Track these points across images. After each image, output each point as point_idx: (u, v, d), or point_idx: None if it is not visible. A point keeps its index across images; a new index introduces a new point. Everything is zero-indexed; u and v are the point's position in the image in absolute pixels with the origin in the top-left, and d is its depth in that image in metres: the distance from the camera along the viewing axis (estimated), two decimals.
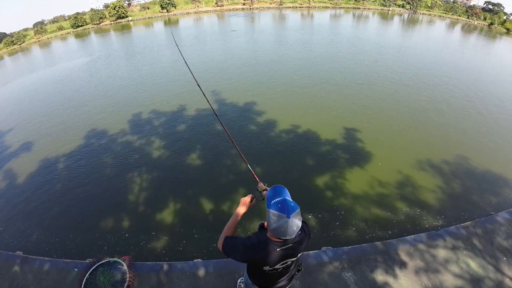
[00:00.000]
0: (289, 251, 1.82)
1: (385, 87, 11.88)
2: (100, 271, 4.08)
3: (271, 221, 1.62)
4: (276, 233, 1.63)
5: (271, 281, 2.14)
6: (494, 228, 4.58)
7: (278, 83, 12.75)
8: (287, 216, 1.57)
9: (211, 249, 4.89)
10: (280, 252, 1.79)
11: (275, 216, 1.60)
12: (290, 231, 1.59)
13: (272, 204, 1.64)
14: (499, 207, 5.46)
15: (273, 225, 1.62)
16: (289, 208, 1.59)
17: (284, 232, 1.59)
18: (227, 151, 7.78)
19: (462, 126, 8.84)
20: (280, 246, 1.77)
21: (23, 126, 10.79)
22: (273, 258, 1.81)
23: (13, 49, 36.66)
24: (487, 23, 36.85)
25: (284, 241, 1.75)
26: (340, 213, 5.49)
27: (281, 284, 2.18)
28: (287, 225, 1.58)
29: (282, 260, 1.86)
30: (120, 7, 45.36)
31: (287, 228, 1.58)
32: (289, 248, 1.79)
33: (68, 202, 6.51)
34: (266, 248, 1.78)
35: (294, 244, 1.80)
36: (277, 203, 1.63)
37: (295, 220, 1.60)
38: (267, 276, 2.04)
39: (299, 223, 1.62)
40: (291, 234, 1.61)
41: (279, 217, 1.59)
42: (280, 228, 1.59)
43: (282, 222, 1.58)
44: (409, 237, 4.29)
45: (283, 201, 1.63)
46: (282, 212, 1.58)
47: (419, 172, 6.63)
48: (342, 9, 46.53)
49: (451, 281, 3.72)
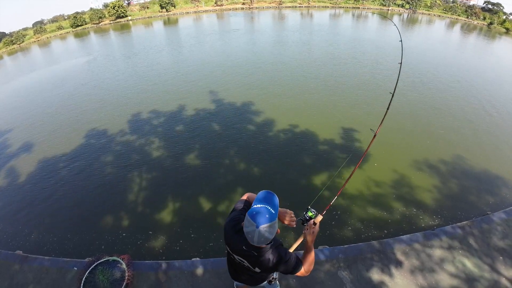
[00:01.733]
0: (250, 258, 1.90)
1: (382, 87, 11.91)
2: (99, 269, 4.12)
3: (245, 225, 1.70)
4: (246, 236, 1.71)
5: (233, 267, 2.27)
6: (490, 228, 4.62)
7: (276, 84, 12.79)
8: (256, 226, 1.62)
9: (207, 248, 4.94)
10: (242, 249, 1.87)
11: (248, 221, 1.66)
12: (256, 239, 1.66)
13: (251, 208, 1.70)
14: (496, 207, 5.49)
15: (245, 229, 1.70)
16: (262, 219, 1.63)
17: (251, 238, 1.67)
18: (225, 151, 7.81)
19: (460, 126, 8.88)
20: (245, 245, 1.84)
21: (22, 126, 10.81)
22: (235, 246, 1.93)
23: (13, 48, 36.63)
24: (486, 23, 36.87)
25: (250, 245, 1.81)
26: (336, 212, 5.52)
27: (244, 278, 2.29)
28: (254, 233, 1.64)
29: (241, 255, 1.95)
30: (119, 7, 45.30)
31: (254, 235, 1.65)
32: (251, 254, 1.87)
33: (66, 202, 6.54)
34: (237, 235, 1.88)
35: (257, 255, 1.86)
36: (253, 210, 1.67)
37: (265, 232, 1.64)
38: (229, 259, 2.19)
39: (268, 236, 1.66)
40: (258, 242, 1.68)
41: (250, 224, 1.65)
42: (248, 234, 1.68)
43: (250, 230, 1.65)
44: (405, 237, 4.33)
45: (259, 209, 1.66)
46: (254, 220, 1.63)
47: (416, 172, 6.66)
48: (342, 8, 46.51)
49: (447, 280, 3.75)
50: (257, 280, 2.36)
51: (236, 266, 2.21)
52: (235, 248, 1.95)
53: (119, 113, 10.90)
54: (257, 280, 2.35)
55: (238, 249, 1.92)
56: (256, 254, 1.86)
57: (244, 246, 1.86)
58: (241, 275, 2.32)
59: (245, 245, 1.85)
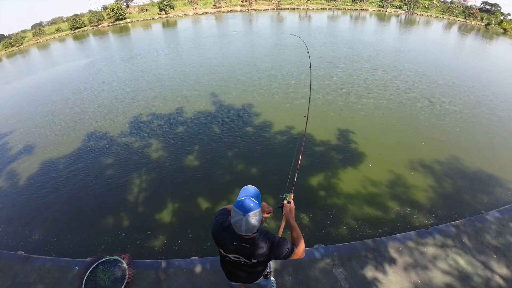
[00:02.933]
0: (243, 251, 2.00)
1: (377, 90, 12.04)
2: (101, 268, 4.21)
3: (232, 216, 1.82)
4: (234, 227, 1.83)
5: (228, 269, 2.37)
6: (484, 226, 4.71)
7: (273, 86, 12.93)
8: (242, 214, 1.75)
9: (205, 248, 5.02)
10: (234, 245, 1.99)
11: (234, 212, 1.79)
12: (243, 227, 1.78)
13: (237, 201, 1.84)
14: (490, 206, 5.57)
15: (232, 220, 1.82)
16: (247, 207, 1.77)
17: (239, 227, 1.79)
18: (223, 152, 7.91)
19: (454, 126, 9.00)
20: (235, 240, 1.96)
21: (22, 128, 10.87)
22: (228, 246, 2.03)
23: (11, 51, 36.59)
24: (484, 24, 37.11)
25: (240, 237, 1.93)
26: (332, 212, 5.63)
27: (241, 275, 2.37)
28: (242, 222, 1.76)
29: (235, 253, 2.06)
30: (118, 9, 45.36)
31: (241, 224, 1.77)
32: (243, 247, 1.98)
33: (66, 204, 6.61)
34: (226, 232, 1.99)
35: (249, 247, 1.97)
36: (239, 202, 1.81)
37: (251, 219, 1.77)
38: (224, 261, 2.28)
39: (254, 223, 1.79)
40: (245, 231, 1.80)
41: (237, 214, 1.77)
42: (236, 224, 1.80)
43: (238, 219, 1.77)
44: (399, 235, 4.43)
45: (244, 201, 1.80)
46: (240, 209, 1.77)
47: (410, 172, 6.77)
48: (340, 10, 46.74)
49: (440, 277, 3.85)
50: (253, 276, 2.44)
51: (232, 266, 2.28)
52: (228, 246, 2.04)
53: (118, 115, 10.98)
54: (254, 276, 2.43)
55: (230, 247, 2.02)
56: (248, 246, 1.97)
57: (234, 241, 1.98)
58: (238, 275, 2.39)
59: (236, 240, 1.97)
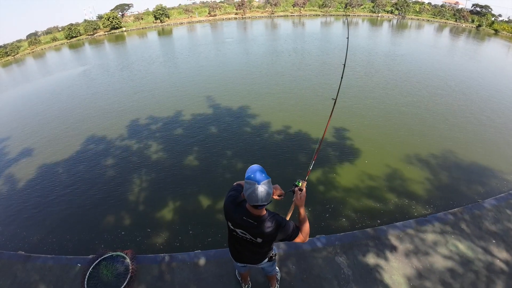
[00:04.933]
0: (251, 228, 2.07)
1: (373, 89, 12.25)
2: (103, 264, 4.19)
3: (245, 189, 1.88)
4: (250, 199, 1.88)
5: (235, 246, 2.42)
6: (481, 213, 4.79)
7: (270, 88, 13.12)
8: (257, 183, 1.82)
9: (206, 243, 5.04)
10: (243, 220, 2.05)
11: (248, 184, 1.86)
12: (260, 196, 1.83)
13: (247, 176, 1.90)
14: (486, 196, 5.66)
15: (247, 192, 1.87)
16: (259, 177, 1.85)
17: (256, 197, 1.84)
18: (223, 152, 7.98)
19: (448, 122, 9.22)
20: (245, 215, 2.03)
21: (20, 133, 10.85)
22: (236, 220, 2.10)
23: (7, 60, 36.57)
24: (475, 25, 37.96)
25: (250, 214, 2.01)
26: (331, 205, 5.69)
27: (246, 253, 2.43)
28: (258, 191, 1.82)
29: (242, 229, 2.12)
30: (114, 18, 45.75)
31: (257, 193, 1.82)
32: (251, 224, 2.04)
33: (65, 204, 6.58)
34: (237, 207, 2.08)
35: (257, 224, 2.04)
36: (250, 175, 1.88)
37: (265, 187, 1.84)
38: (232, 237, 2.34)
39: (269, 191, 1.86)
40: (262, 200, 1.85)
41: (251, 185, 1.84)
42: (252, 194, 1.84)
43: (253, 189, 1.83)
44: (398, 223, 4.49)
45: (255, 173, 1.88)
46: (253, 180, 1.84)
47: (407, 166, 6.90)
48: (332, 16, 47.62)
49: (441, 262, 3.90)
50: (258, 257, 2.48)
51: (238, 243, 2.34)
52: (236, 221, 2.10)
53: (117, 120, 11.00)
54: (258, 256, 2.47)
55: (239, 221, 2.08)
56: (256, 223, 2.02)
57: (244, 216, 2.04)
58: (243, 253, 2.44)
59: (245, 215, 2.03)
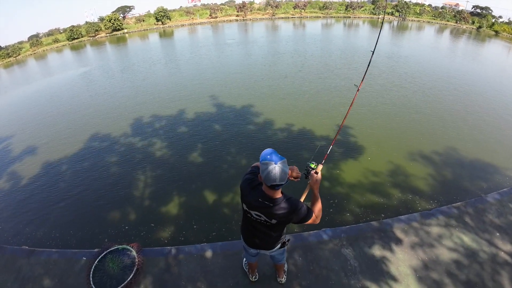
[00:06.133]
0: (266, 209, 2.09)
1: (377, 89, 12.30)
2: (109, 258, 4.18)
3: (262, 170, 1.90)
4: (267, 180, 1.89)
5: (249, 229, 2.44)
6: (485, 207, 4.81)
7: (271, 87, 13.17)
8: (274, 162, 1.85)
9: (210, 238, 5.05)
10: (258, 201, 2.08)
11: (264, 165, 1.88)
12: (278, 175, 1.85)
13: (262, 158, 1.93)
14: (489, 191, 5.66)
15: (264, 173, 1.89)
16: (276, 158, 1.89)
17: (274, 176, 1.85)
18: (227, 148, 8.02)
19: (451, 120, 9.24)
20: (261, 197, 2.06)
21: (24, 132, 10.87)
22: (252, 202, 2.12)
23: (9, 61, 36.68)
24: (475, 27, 38.13)
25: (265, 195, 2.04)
26: (336, 200, 5.71)
27: (259, 238, 2.45)
28: (275, 170, 1.84)
29: (257, 211, 2.15)
30: (115, 20, 45.97)
31: (275, 172, 1.84)
32: (266, 205, 2.07)
33: (69, 200, 6.58)
34: (253, 190, 2.11)
35: (272, 205, 2.06)
36: (266, 156, 1.92)
37: (282, 167, 1.87)
38: (246, 220, 2.37)
39: (286, 170, 1.89)
40: (280, 179, 1.87)
41: (268, 165, 1.86)
42: (270, 174, 1.85)
43: (271, 168, 1.85)
44: (403, 217, 4.51)
45: (270, 154, 1.92)
46: (270, 160, 1.87)
47: (410, 163, 6.92)
48: (333, 18, 47.85)
49: (447, 254, 3.91)
50: (272, 241, 2.48)
51: (252, 225, 2.35)
52: (252, 203, 2.13)
53: (121, 119, 11.03)
54: (272, 240, 2.47)
55: (255, 203, 2.11)
56: (271, 205, 2.05)
57: (260, 198, 2.06)
58: (257, 236, 2.45)
59: (261, 197, 2.06)
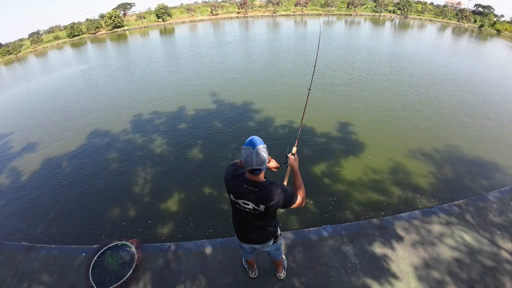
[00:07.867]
0: (252, 195, 2.12)
1: (376, 86, 12.24)
2: (108, 253, 4.16)
3: (242, 155, 1.98)
4: (245, 164, 1.97)
5: (240, 221, 2.44)
6: (486, 205, 4.77)
7: (272, 85, 13.15)
8: (252, 147, 1.92)
9: (207, 234, 5.05)
10: (244, 188, 2.12)
11: (244, 149, 1.96)
12: (255, 160, 1.93)
13: (245, 144, 2.00)
14: (490, 190, 5.65)
15: (243, 157, 1.97)
16: (255, 142, 1.96)
17: (251, 161, 1.93)
18: (227, 145, 8.01)
19: (451, 118, 9.21)
20: (245, 183, 2.11)
21: (24, 128, 10.87)
22: (237, 190, 2.16)
23: (9, 58, 36.68)
24: (477, 25, 37.94)
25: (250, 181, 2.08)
26: (336, 198, 5.70)
27: (250, 231, 2.46)
28: (253, 155, 1.92)
29: (244, 198, 2.17)
30: (116, 17, 45.88)
31: (252, 157, 1.92)
32: (252, 191, 2.10)
33: (67, 197, 6.60)
34: (237, 178, 2.16)
35: (258, 190, 2.09)
36: (247, 142, 1.99)
37: (260, 151, 1.94)
38: (235, 213, 2.40)
39: (264, 155, 1.96)
40: (257, 163, 1.94)
41: (246, 150, 1.94)
42: (247, 158, 1.94)
43: (248, 153, 1.93)
44: (403, 214, 4.47)
45: (251, 138, 2.00)
46: (249, 145, 1.95)
47: (411, 161, 6.90)
48: (335, 16, 47.65)
49: (448, 252, 3.89)
50: (264, 234, 2.49)
51: (242, 216, 2.35)
52: (237, 191, 2.16)
53: (121, 115, 11.03)
54: (264, 233, 2.48)
55: (240, 190, 2.14)
56: (256, 189, 2.08)
57: (244, 184, 2.10)
58: (248, 229, 2.45)
59: (245, 182, 2.10)
